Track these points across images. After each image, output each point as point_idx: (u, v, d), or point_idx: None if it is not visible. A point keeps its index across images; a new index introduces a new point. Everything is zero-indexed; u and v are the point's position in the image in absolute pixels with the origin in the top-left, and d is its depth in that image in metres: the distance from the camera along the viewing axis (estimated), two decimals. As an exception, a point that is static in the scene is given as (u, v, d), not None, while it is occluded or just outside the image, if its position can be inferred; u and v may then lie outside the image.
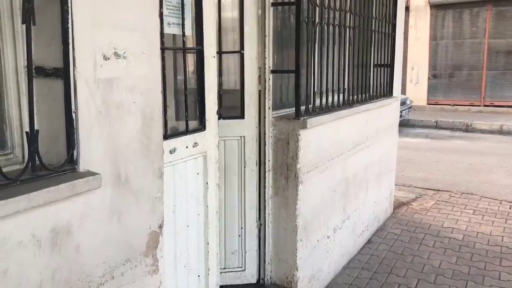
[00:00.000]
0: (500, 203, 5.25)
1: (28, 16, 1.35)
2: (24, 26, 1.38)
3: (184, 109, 2.15)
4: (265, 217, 3.05)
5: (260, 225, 3.08)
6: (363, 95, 3.93)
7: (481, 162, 7.50)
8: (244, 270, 3.13)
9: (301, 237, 3.03)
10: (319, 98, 3.21)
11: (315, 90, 3.16)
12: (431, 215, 4.86)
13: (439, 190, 5.78)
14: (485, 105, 13.14)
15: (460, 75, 13.52)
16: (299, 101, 2.93)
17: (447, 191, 5.75)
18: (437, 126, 11.45)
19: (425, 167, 7.23)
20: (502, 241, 4.20)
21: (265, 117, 2.94)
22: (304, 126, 2.87)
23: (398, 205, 5.14)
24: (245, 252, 3.10)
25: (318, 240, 3.28)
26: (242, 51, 2.88)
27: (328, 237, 3.43)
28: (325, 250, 3.40)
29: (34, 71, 1.49)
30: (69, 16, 1.45)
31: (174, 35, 2.13)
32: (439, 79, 13.86)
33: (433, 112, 13.15)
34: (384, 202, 4.66)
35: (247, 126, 2.94)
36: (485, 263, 3.74)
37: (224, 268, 3.09)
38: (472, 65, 13.38)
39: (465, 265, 3.70)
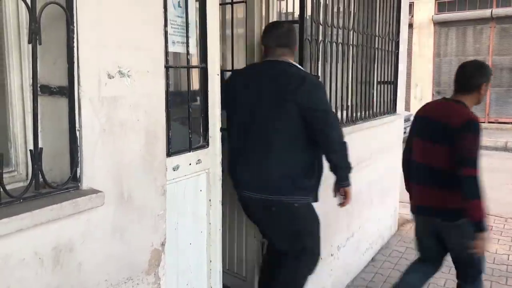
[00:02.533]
0: (506, 221, 5.21)
1: (34, 36, 1.37)
2: (30, 45, 1.40)
3: (187, 126, 2.16)
4: (268, 234, 3.04)
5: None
6: (367, 112, 3.94)
7: (486, 179, 7.44)
8: (246, 280, 3.14)
9: (304, 255, 3.00)
10: (322, 115, 3.21)
11: (319, 107, 3.17)
12: (436, 233, 4.81)
13: (443, 208, 5.73)
14: (489, 122, 13.12)
15: (464, 91, 13.53)
16: (302, 118, 2.94)
17: (452, 208, 5.69)
18: (441, 143, 11.40)
19: (429, 184, 7.18)
20: (508, 259, 4.16)
21: (268, 134, 2.95)
22: (307, 143, 2.87)
23: (403, 222, 5.10)
24: (247, 264, 3.11)
25: (321, 258, 3.26)
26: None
27: (332, 254, 3.41)
28: (329, 268, 3.37)
29: (39, 90, 1.50)
30: (75, 35, 1.47)
31: (178, 53, 2.15)
32: (443, 96, 13.88)
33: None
34: (388, 219, 4.63)
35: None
36: (491, 282, 3.70)
37: (235, 272, 3.21)
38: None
39: (470, 284, 3.66)
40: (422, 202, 2.68)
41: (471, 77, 2.58)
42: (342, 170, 2.50)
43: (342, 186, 2.56)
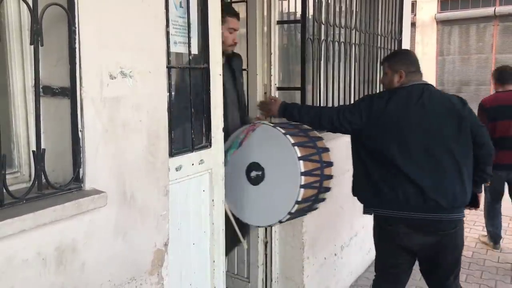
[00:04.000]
0: (510, 220, 5.19)
1: (36, 37, 1.37)
2: (32, 46, 1.40)
3: (189, 127, 2.16)
4: (271, 234, 3.04)
5: (267, 242, 3.06)
6: (370, 111, 3.92)
7: (490, 177, 7.41)
8: (249, 282, 3.13)
9: (308, 255, 3.01)
10: (325, 115, 3.21)
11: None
12: (440, 232, 4.80)
13: (447, 207, 5.71)
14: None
15: (468, 90, 13.48)
16: (305, 118, 2.93)
17: (456, 207, 5.68)
18: (445, 142, 11.37)
19: (433, 183, 7.16)
20: (513, 258, 4.15)
21: (271, 134, 2.94)
22: (310, 143, 2.87)
23: (406, 221, 5.09)
24: (250, 265, 3.11)
25: (325, 258, 3.26)
26: (246, 69, 2.92)
27: (335, 254, 3.40)
28: (333, 268, 3.37)
29: (42, 91, 1.51)
30: (76, 36, 1.47)
31: (180, 53, 2.15)
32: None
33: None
34: (392, 218, 4.61)
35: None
36: (496, 281, 3.69)
37: (236, 274, 3.19)
38: (479, 80, 13.36)
39: (475, 283, 3.65)
40: (508, 161, 3.99)
41: None
42: (488, 179, 2.63)
43: (479, 192, 2.66)
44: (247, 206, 2.65)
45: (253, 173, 2.61)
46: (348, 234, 3.59)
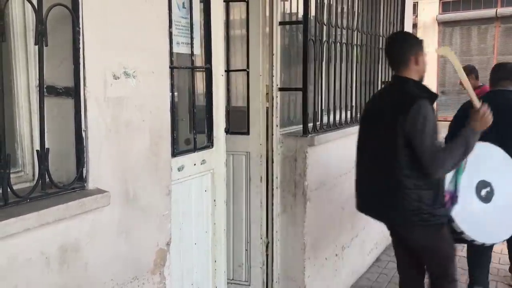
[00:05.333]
0: (511, 221, 5.18)
1: (40, 38, 1.38)
2: (36, 46, 1.41)
3: (192, 127, 2.17)
4: (272, 234, 3.04)
5: (268, 242, 3.06)
6: (371, 112, 3.93)
7: None
8: (249, 285, 3.12)
9: (309, 255, 3.01)
10: (326, 116, 3.22)
11: (323, 108, 3.18)
12: (440, 233, 4.79)
13: (448, 208, 5.71)
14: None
15: (468, 91, 13.48)
16: (306, 118, 2.95)
17: (457, 208, 5.67)
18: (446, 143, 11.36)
19: (434, 184, 7.15)
20: (514, 259, 4.14)
21: (272, 134, 2.95)
22: (311, 143, 2.88)
23: (407, 222, 5.08)
24: (250, 267, 3.10)
25: (326, 258, 3.26)
26: (247, 70, 2.92)
27: (336, 255, 3.41)
28: (334, 268, 3.38)
29: (46, 91, 1.51)
30: (80, 37, 1.48)
31: (183, 54, 2.16)
32: (448, 96, 13.82)
33: (443, 128, 13.06)
34: (393, 219, 4.61)
35: (252, 142, 2.95)
36: (496, 282, 3.68)
37: (232, 279, 3.13)
38: (481, 82, 13.35)
39: (475, 284, 3.64)
40: None
41: None
42: None
43: None
44: (489, 227, 2.64)
45: (483, 192, 2.64)
46: (349, 234, 3.59)
